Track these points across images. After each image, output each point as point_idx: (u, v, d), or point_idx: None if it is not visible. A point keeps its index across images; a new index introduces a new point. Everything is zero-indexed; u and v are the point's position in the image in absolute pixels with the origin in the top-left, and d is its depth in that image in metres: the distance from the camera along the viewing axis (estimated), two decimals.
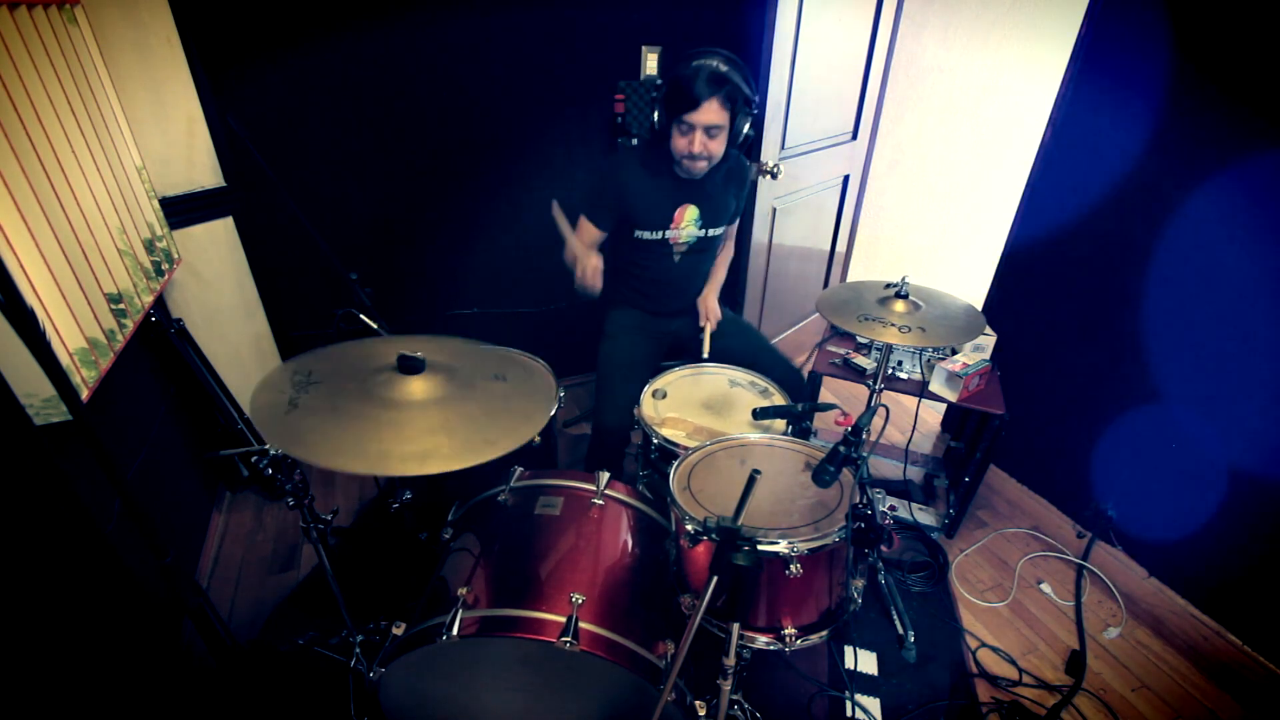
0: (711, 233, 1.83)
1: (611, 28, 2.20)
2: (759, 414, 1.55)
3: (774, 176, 2.32)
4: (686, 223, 1.79)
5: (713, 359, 1.84)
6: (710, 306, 1.89)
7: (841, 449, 1.16)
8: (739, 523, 0.94)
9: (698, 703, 1.15)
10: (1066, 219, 1.91)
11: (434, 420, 1.03)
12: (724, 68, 1.53)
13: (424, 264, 2.40)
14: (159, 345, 1.87)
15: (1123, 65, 1.69)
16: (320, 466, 0.99)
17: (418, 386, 1.09)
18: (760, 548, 1.12)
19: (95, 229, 1.39)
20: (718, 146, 1.62)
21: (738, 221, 2.00)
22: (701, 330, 1.87)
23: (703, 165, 1.65)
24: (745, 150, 1.81)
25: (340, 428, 1.00)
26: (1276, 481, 1.55)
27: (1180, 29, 1.55)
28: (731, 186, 1.82)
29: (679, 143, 1.62)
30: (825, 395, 2.46)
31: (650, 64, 2.27)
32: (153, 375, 1.86)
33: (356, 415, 1.03)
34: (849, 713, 1.55)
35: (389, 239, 2.31)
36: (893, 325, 1.53)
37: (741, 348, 1.88)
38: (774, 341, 2.92)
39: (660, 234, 1.78)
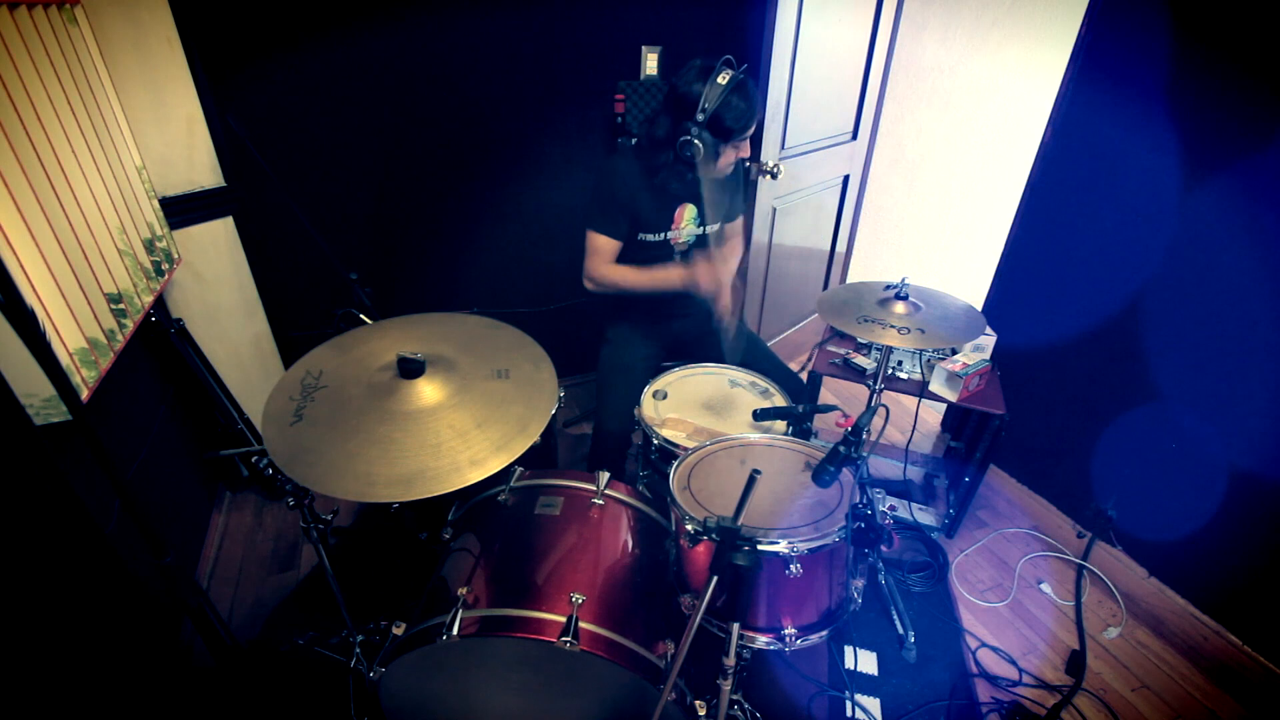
0: (709, 230, 1.83)
1: (611, 28, 2.20)
2: (759, 415, 1.55)
3: (774, 176, 2.32)
4: (686, 221, 1.79)
5: (712, 362, 1.83)
6: (727, 303, 1.82)
7: (841, 449, 1.16)
8: (739, 523, 0.94)
9: (698, 703, 1.15)
10: (1066, 219, 1.91)
11: (432, 436, 1.04)
12: (750, 80, 1.58)
13: (424, 264, 2.40)
14: (159, 345, 1.87)
15: (1123, 65, 1.69)
16: (319, 492, 1.00)
17: (418, 391, 1.10)
18: (760, 548, 1.12)
19: (95, 229, 1.39)
20: None
21: (741, 219, 1.99)
22: (716, 331, 1.83)
23: None
24: None
25: (336, 447, 1.01)
26: (1276, 481, 1.55)
27: (1179, 29, 1.55)
28: (725, 180, 1.82)
29: (730, 156, 1.65)
30: (825, 395, 2.46)
31: (650, 64, 2.27)
32: (153, 375, 1.86)
33: (354, 430, 1.04)
34: (849, 713, 1.55)
35: (389, 239, 2.31)
36: (892, 327, 1.53)
37: (742, 354, 1.88)
38: (774, 342, 2.93)
39: (663, 235, 1.77)
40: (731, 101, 1.54)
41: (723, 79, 1.53)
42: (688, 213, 1.78)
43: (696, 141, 1.56)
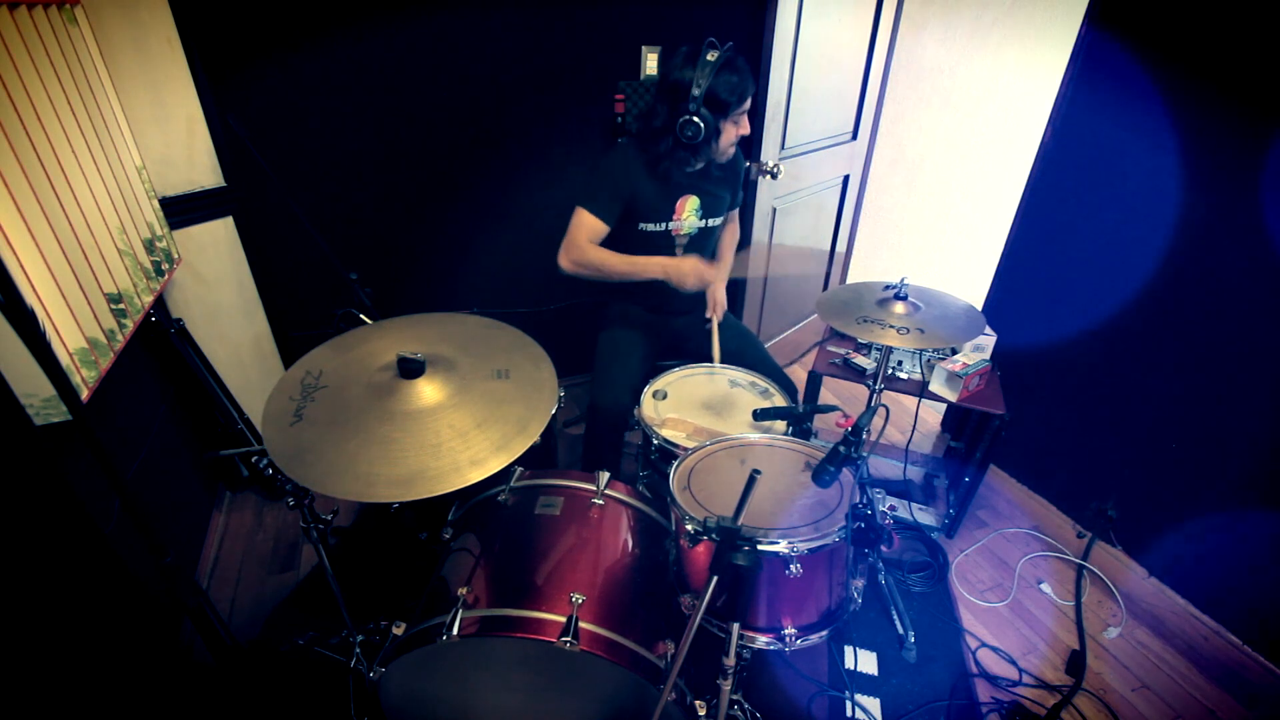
0: (711, 223, 1.84)
1: (611, 28, 2.20)
2: (759, 415, 1.55)
3: (774, 176, 2.32)
4: (688, 213, 1.79)
5: (708, 362, 1.83)
6: (718, 298, 1.86)
7: (841, 449, 1.16)
8: (739, 523, 0.94)
9: (698, 703, 1.15)
10: (1066, 218, 1.92)
11: (432, 436, 1.04)
12: (738, 55, 1.59)
13: (423, 264, 2.40)
14: (159, 345, 1.87)
15: (1122, 65, 1.69)
16: (319, 492, 1.00)
17: (418, 391, 1.10)
18: (760, 548, 1.12)
19: (95, 229, 1.39)
20: None
21: (738, 209, 2.00)
22: (708, 323, 1.85)
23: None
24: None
25: (336, 447, 1.01)
26: (1276, 480, 1.55)
27: (1178, 29, 1.55)
28: (728, 175, 1.83)
29: (731, 133, 1.66)
30: (825, 395, 2.46)
31: (650, 64, 2.27)
32: (153, 375, 1.86)
33: (354, 430, 1.04)
34: (849, 713, 1.55)
35: (389, 239, 2.31)
36: (892, 327, 1.53)
37: (737, 353, 1.88)
38: (774, 341, 2.94)
39: (664, 226, 1.77)
40: (724, 75, 1.56)
41: (711, 57, 1.55)
42: (690, 204, 1.78)
43: (697, 120, 1.57)
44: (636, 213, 1.74)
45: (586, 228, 1.71)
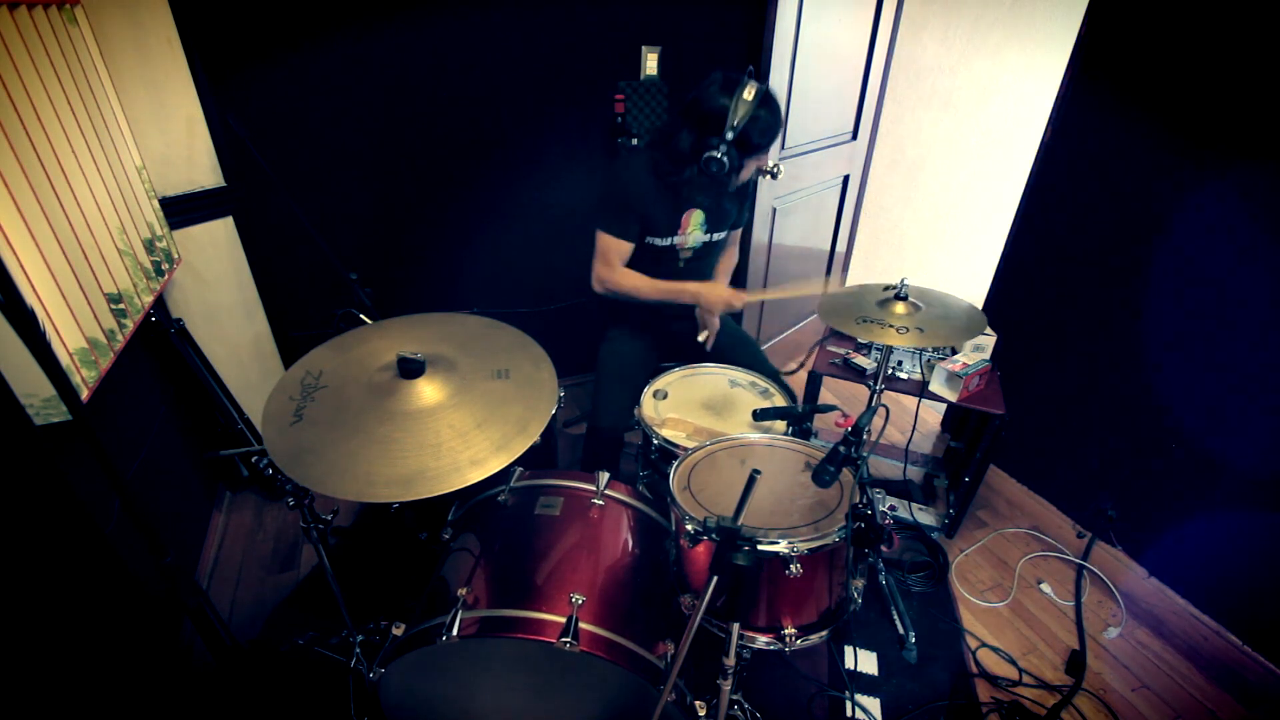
0: (715, 237, 1.83)
1: (611, 28, 2.20)
2: (759, 415, 1.55)
3: (774, 176, 2.31)
4: (693, 227, 1.78)
5: (710, 361, 1.83)
6: (711, 322, 1.84)
7: (841, 449, 1.16)
8: (739, 523, 0.94)
9: (698, 703, 1.15)
10: (1067, 219, 1.92)
11: (432, 436, 1.04)
12: (773, 94, 1.59)
13: (423, 264, 2.40)
14: (159, 345, 1.87)
15: (1122, 65, 1.69)
16: (319, 492, 1.00)
17: (418, 391, 1.10)
18: (760, 548, 1.12)
19: (95, 229, 1.39)
20: None
21: (739, 231, 1.99)
22: (703, 344, 1.84)
23: None
24: None
25: (336, 447, 1.01)
26: (1276, 480, 1.55)
27: (1178, 29, 1.55)
28: (737, 190, 1.82)
29: (750, 169, 1.66)
30: (825, 395, 2.47)
31: (650, 64, 2.27)
32: (153, 375, 1.86)
33: (354, 430, 1.04)
34: (849, 713, 1.55)
35: (389, 239, 2.31)
36: (892, 327, 1.53)
37: (734, 357, 1.87)
38: (774, 342, 2.94)
39: (669, 240, 1.77)
40: (760, 116, 1.54)
41: (748, 94, 1.53)
42: (695, 218, 1.77)
43: (724, 158, 1.56)
44: (644, 227, 1.73)
45: (613, 250, 1.72)
